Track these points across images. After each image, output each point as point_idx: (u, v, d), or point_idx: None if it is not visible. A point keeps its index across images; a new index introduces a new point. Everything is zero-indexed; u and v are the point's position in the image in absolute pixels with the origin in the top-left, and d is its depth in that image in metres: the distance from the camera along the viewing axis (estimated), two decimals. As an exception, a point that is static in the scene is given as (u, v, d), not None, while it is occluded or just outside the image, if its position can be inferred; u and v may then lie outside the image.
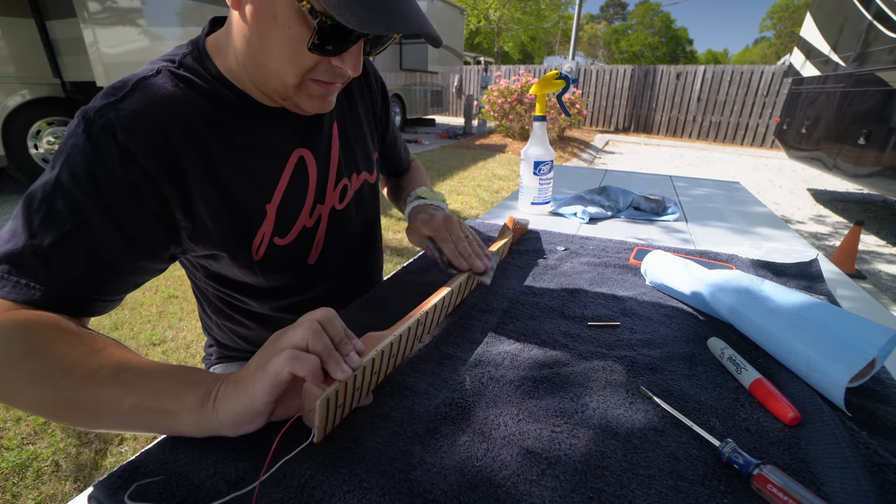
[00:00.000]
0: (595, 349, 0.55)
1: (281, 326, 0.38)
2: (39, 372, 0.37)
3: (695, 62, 40.00)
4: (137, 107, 0.44)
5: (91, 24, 3.29)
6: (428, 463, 0.38)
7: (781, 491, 0.34)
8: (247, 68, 0.49)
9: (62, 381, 0.36)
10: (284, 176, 0.56)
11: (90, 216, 0.42)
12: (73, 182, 0.42)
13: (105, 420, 0.37)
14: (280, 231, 0.57)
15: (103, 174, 0.43)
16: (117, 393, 0.36)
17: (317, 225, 0.62)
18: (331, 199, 0.63)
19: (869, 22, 3.67)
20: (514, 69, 11.73)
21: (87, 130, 0.43)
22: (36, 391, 0.37)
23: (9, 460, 1.22)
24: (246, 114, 0.52)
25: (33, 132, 3.60)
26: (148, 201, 0.45)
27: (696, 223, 1.15)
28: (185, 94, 0.48)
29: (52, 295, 0.41)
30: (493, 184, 4.76)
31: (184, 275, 2.36)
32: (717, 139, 9.52)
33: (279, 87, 0.49)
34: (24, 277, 0.40)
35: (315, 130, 0.59)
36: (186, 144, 0.47)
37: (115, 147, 0.43)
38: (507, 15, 21.31)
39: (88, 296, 0.44)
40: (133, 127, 0.44)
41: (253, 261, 0.56)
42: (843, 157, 3.89)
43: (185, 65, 0.50)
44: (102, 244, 0.43)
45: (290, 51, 0.45)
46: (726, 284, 0.60)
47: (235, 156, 0.52)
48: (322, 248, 0.64)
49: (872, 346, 0.44)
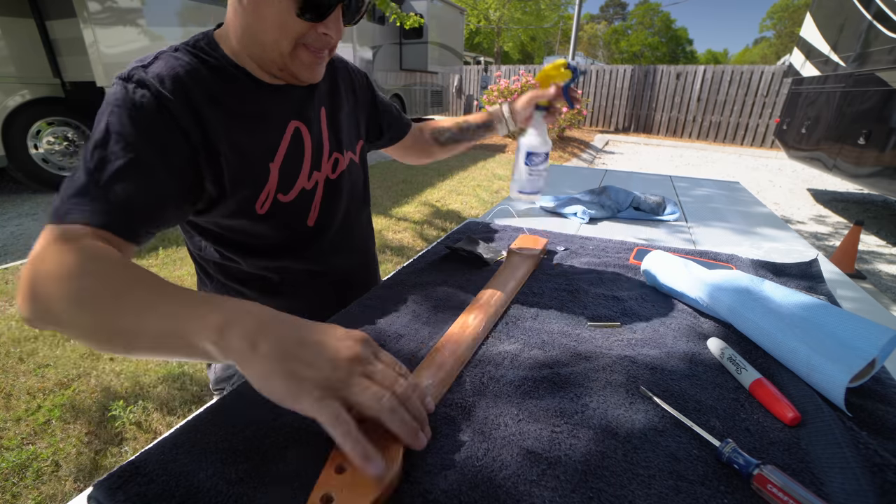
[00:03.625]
0: (595, 349, 0.55)
1: (282, 294, 0.39)
2: (82, 295, 0.40)
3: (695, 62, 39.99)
4: (162, 70, 0.53)
5: (91, 24, 3.29)
6: (428, 463, 0.38)
7: (781, 491, 0.34)
8: (247, 46, 0.57)
9: (102, 304, 0.39)
10: (284, 141, 0.64)
11: (140, 151, 0.49)
12: (121, 126, 0.49)
13: (138, 343, 0.39)
14: (283, 188, 0.65)
15: (145, 118, 0.50)
16: (145, 315, 0.38)
17: (314, 189, 0.70)
18: (325, 167, 0.71)
19: (869, 22, 3.67)
20: (513, 69, 11.72)
21: (124, 87, 0.51)
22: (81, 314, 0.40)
23: (9, 460, 1.22)
24: (249, 87, 0.60)
25: (33, 132, 3.60)
26: (181, 144, 0.53)
27: (697, 223, 1.15)
28: (199, 64, 0.56)
29: (112, 219, 0.46)
30: (492, 184, 4.76)
31: (184, 275, 2.36)
32: (717, 139, 9.51)
33: (276, 57, 0.57)
34: (90, 204, 0.46)
35: (307, 107, 0.67)
36: (204, 104, 0.55)
37: (151, 97, 0.51)
38: (507, 15, 21.29)
39: (140, 223, 0.50)
40: (162, 83, 0.52)
41: (257, 213, 0.63)
42: (843, 157, 3.89)
43: (199, 46, 0.59)
44: (151, 174, 0.50)
45: (281, 20, 0.53)
46: (726, 284, 0.60)
47: (242, 120, 0.59)
48: (319, 211, 0.71)
49: (872, 346, 0.44)
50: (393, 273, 0.77)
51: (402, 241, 3.00)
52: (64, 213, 0.45)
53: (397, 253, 2.78)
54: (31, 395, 1.47)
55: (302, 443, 0.39)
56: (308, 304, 0.74)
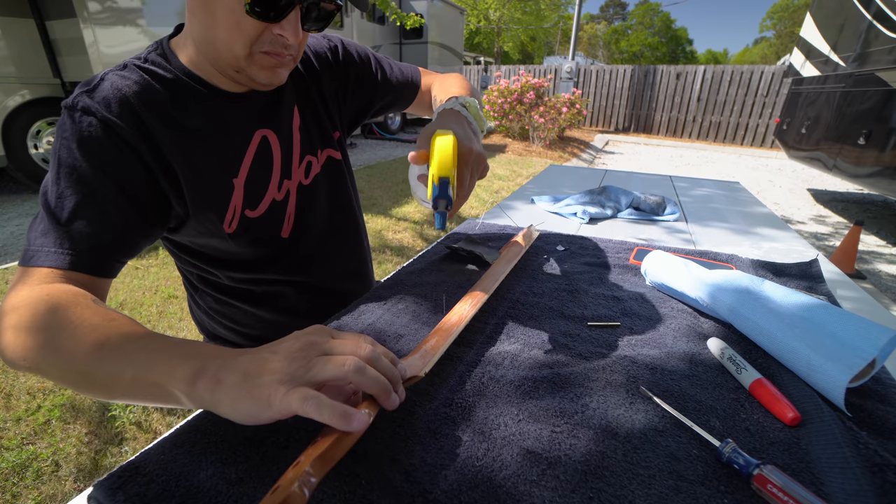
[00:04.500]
0: (595, 349, 0.55)
1: (267, 304, 0.39)
2: (57, 344, 0.40)
3: (695, 62, 39.99)
4: (108, 93, 0.50)
5: (91, 24, 3.29)
6: (428, 463, 0.38)
7: (781, 491, 0.34)
8: (203, 50, 0.55)
9: (76, 354, 0.39)
10: (249, 153, 0.61)
11: (95, 184, 0.48)
12: (72, 159, 0.48)
13: (116, 392, 0.39)
14: (250, 203, 0.62)
15: (94, 146, 0.49)
16: (119, 365, 0.38)
17: (286, 199, 0.67)
18: (297, 174, 0.68)
19: (869, 22, 3.67)
20: (514, 69, 11.72)
21: (70, 116, 0.49)
22: (58, 363, 0.40)
23: (9, 460, 1.22)
24: (207, 99, 0.57)
25: (33, 132, 3.60)
26: (136, 166, 0.51)
27: (697, 223, 1.15)
28: (149, 82, 0.54)
29: (77, 259, 0.46)
30: (492, 184, 4.76)
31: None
32: (717, 139, 9.51)
33: (231, 60, 0.53)
34: (54, 246, 0.46)
35: (274, 112, 0.64)
36: (155, 123, 0.52)
37: (97, 122, 0.49)
38: (507, 15, 21.28)
39: (107, 257, 0.49)
40: (108, 108, 0.50)
41: (225, 232, 0.61)
42: (843, 157, 3.89)
43: (150, 59, 0.56)
44: (110, 207, 0.49)
45: (234, 19, 0.49)
46: (726, 284, 0.60)
47: (200, 135, 0.57)
48: (294, 221, 0.68)
49: (872, 346, 0.44)
50: (393, 273, 0.77)
51: (402, 241, 3.00)
52: (31, 256, 0.46)
53: (397, 253, 2.78)
54: (31, 395, 1.47)
55: (302, 443, 0.39)
56: (296, 313, 0.72)
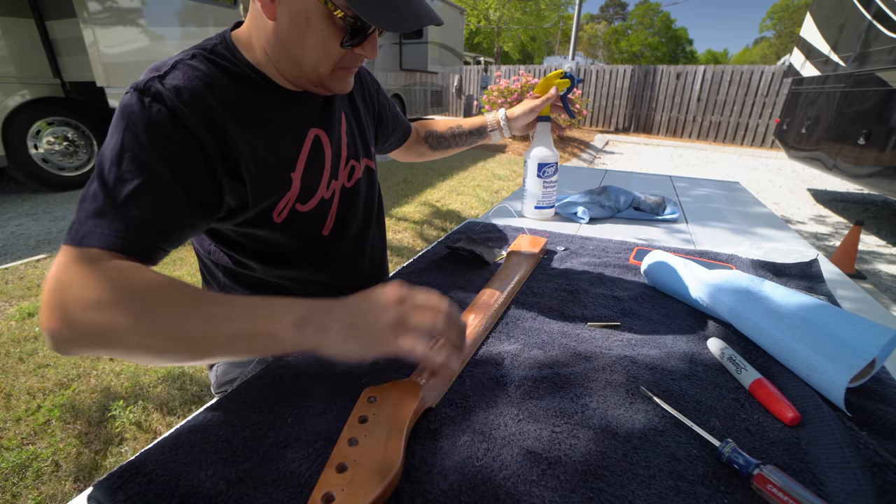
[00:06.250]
0: (595, 349, 0.55)
1: None
2: (144, 312, 0.41)
3: (695, 62, 39.99)
4: (179, 82, 0.51)
5: (91, 24, 3.29)
6: (428, 463, 0.38)
7: (781, 491, 0.34)
8: (279, 63, 0.58)
9: (171, 316, 0.41)
10: (304, 150, 0.64)
11: (155, 170, 0.48)
12: (136, 143, 0.48)
13: (212, 349, 0.41)
14: (303, 198, 0.65)
15: (160, 134, 0.49)
16: (217, 322, 0.41)
17: (332, 198, 0.69)
18: (342, 176, 0.71)
19: (869, 22, 3.67)
20: (514, 69, 11.72)
21: (140, 100, 0.49)
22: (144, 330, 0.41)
23: (9, 460, 1.22)
24: (270, 95, 0.60)
25: (33, 132, 3.60)
26: (198, 158, 0.52)
27: (696, 223, 1.15)
28: (217, 73, 0.55)
29: (129, 242, 0.46)
30: (492, 184, 4.76)
31: (183, 274, 2.36)
32: (717, 139, 9.51)
33: (313, 77, 0.58)
34: (108, 227, 0.46)
35: (329, 114, 0.68)
36: (222, 114, 0.54)
37: (166, 111, 0.49)
38: (507, 15, 21.27)
39: (156, 243, 0.50)
40: (179, 96, 0.50)
41: (274, 221, 0.63)
42: (843, 157, 3.89)
43: (217, 52, 0.57)
44: (167, 194, 0.49)
45: (324, 48, 0.54)
46: (726, 284, 0.60)
47: (263, 128, 0.59)
48: (335, 221, 0.71)
49: (872, 346, 0.44)
50: (393, 273, 0.77)
51: (402, 241, 3.00)
52: (83, 235, 0.45)
53: (397, 253, 2.78)
54: (31, 395, 1.47)
55: (302, 443, 0.39)
56: None
